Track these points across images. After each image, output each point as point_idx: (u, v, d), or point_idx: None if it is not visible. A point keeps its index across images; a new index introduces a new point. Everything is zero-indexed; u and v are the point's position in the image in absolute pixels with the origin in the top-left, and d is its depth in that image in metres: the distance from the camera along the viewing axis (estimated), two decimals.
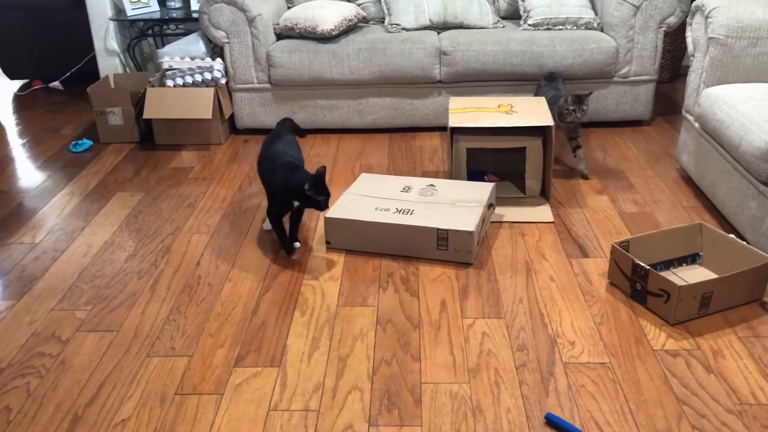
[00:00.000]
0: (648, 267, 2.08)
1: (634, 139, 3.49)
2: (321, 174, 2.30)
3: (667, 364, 1.89)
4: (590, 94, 2.90)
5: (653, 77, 3.51)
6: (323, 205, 2.32)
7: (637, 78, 3.51)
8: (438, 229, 2.38)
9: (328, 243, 2.53)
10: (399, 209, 2.52)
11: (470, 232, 2.35)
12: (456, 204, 2.53)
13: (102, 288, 2.34)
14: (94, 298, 2.29)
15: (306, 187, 2.27)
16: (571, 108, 2.89)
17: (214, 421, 1.74)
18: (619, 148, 3.38)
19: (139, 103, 3.61)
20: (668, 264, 2.31)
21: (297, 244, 2.53)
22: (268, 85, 3.60)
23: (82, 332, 2.11)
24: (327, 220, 2.50)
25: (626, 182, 3.00)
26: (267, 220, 2.67)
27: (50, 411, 1.79)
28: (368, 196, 2.62)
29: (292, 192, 2.33)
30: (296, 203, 2.38)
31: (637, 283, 2.13)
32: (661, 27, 3.43)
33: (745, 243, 2.21)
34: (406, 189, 2.68)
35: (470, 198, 2.57)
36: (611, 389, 1.81)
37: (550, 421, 1.70)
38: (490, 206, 2.61)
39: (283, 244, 2.49)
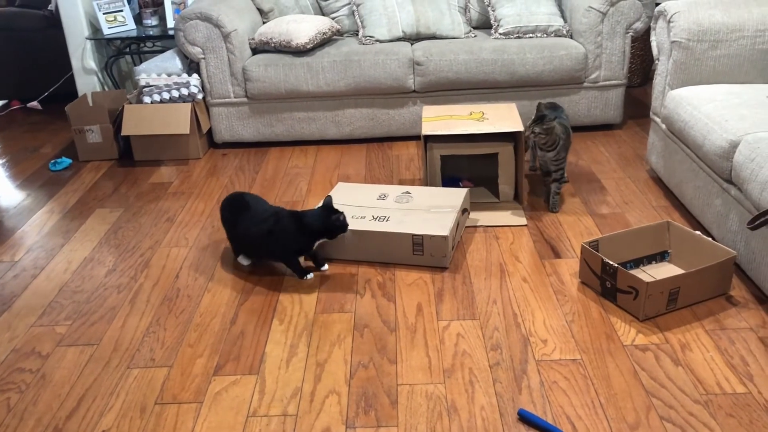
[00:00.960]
0: (616, 265, 2.13)
1: (606, 142, 3.56)
2: (330, 202, 2.36)
3: (637, 358, 1.94)
4: (552, 120, 2.65)
5: (622, 81, 3.59)
6: (347, 225, 2.36)
7: (607, 83, 3.59)
8: (413, 235, 2.43)
9: None
10: (375, 216, 2.56)
11: (444, 237, 2.39)
12: (431, 210, 2.58)
13: (82, 303, 2.36)
14: (74, 313, 2.31)
15: (339, 218, 2.33)
16: (534, 131, 2.69)
17: (194, 428, 1.77)
18: (590, 151, 3.45)
19: (117, 120, 3.64)
20: (638, 262, 2.37)
21: (326, 266, 2.50)
22: (245, 99, 3.64)
23: (63, 347, 2.13)
24: None
25: (598, 184, 3.07)
26: (242, 255, 2.58)
27: (31, 425, 1.81)
28: (345, 205, 2.66)
29: (322, 232, 2.35)
30: (322, 240, 2.39)
31: (606, 281, 2.19)
32: (628, 32, 3.51)
33: (710, 239, 2.27)
34: (382, 197, 2.73)
35: (445, 204, 2.62)
36: (582, 384, 1.85)
37: (523, 417, 1.74)
38: (464, 211, 2.66)
39: (300, 272, 2.43)
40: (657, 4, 3.27)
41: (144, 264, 2.59)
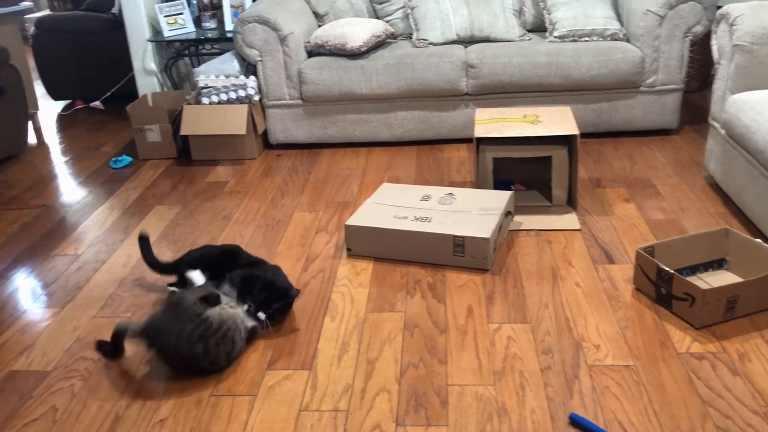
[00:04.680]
0: (672, 271, 2.10)
1: (662, 147, 3.50)
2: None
3: (692, 366, 1.91)
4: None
5: (680, 86, 3.53)
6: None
7: (664, 87, 3.53)
8: (454, 236, 2.43)
9: (348, 250, 2.60)
10: (417, 217, 2.58)
11: (486, 239, 2.39)
12: (473, 212, 2.58)
13: (141, 296, 2.44)
14: (133, 305, 2.39)
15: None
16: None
17: (248, 420, 1.81)
18: (646, 157, 3.39)
19: (176, 120, 3.75)
20: (694, 269, 2.33)
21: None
22: (299, 101, 3.70)
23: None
24: (347, 227, 2.57)
25: (653, 190, 3.02)
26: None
27: (93, 411, 1.88)
28: (388, 205, 2.69)
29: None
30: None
31: (662, 287, 2.15)
32: (687, 36, 3.45)
33: None
34: (426, 198, 2.74)
35: (488, 206, 2.61)
36: (635, 391, 1.83)
37: (574, 421, 1.73)
38: (507, 214, 2.65)
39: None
40: (718, 8, 3.20)
41: None
